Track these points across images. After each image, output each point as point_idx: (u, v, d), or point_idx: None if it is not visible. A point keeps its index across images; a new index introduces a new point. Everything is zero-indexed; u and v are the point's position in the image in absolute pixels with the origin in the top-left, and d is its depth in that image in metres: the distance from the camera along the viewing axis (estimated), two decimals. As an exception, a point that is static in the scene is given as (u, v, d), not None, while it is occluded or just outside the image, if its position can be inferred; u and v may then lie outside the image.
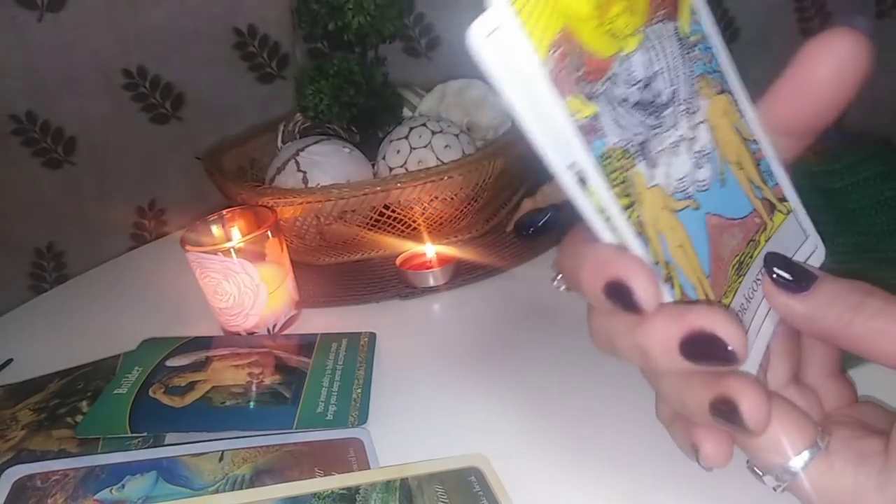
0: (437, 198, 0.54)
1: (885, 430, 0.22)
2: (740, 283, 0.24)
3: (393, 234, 0.56)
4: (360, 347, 0.46)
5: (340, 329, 0.48)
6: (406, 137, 0.59)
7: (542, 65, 0.19)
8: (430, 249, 0.56)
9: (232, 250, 0.46)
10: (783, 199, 0.26)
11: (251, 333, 0.49)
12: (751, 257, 0.25)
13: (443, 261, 0.55)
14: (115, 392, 0.41)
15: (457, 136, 0.59)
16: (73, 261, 0.90)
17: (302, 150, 0.58)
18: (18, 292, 0.88)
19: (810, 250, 0.27)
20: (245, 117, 0.80)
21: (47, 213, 0.86)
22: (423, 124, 0.59)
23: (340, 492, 0.31)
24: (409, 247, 0.56)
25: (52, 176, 0.84)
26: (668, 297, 0.22)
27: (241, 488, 0.32)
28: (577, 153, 0.20)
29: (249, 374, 0.42)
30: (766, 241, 0.26)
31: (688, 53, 0.24)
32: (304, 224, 0.55)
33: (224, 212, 0.52)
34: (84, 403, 0.42)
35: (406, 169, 0.57)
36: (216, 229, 0.52)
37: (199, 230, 0.50)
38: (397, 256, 0.56)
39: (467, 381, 0.41)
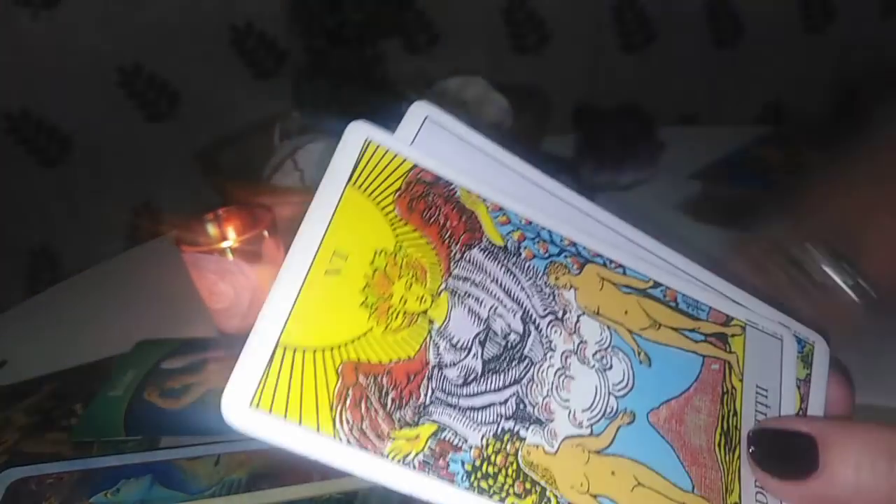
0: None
1: None
2: (738, 458, 0.19)
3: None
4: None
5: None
6: (404, 135, 0.58)
7: (331, 441, 0.15)
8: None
9: (228, 250, 0.46)
10: (730, 320, 0.21)
11: (248, 334, 0.49)
12: (734, 414, 0.20)
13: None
14: (110, 394, 0.40)
15: (455, 134, 0.58)
16: (67, 261, 0.89)
17: (299, 148, 0.58)
18: (13, 293, 0.87)
19: (794, 348, 0.21)
20: (241, 115, 0.80)
21: (42, 213, 0.86)
22: (422, 122, 0.58)
23: (338, 496, 0.31)
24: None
25: (47, 175, 0.84)
26: None
27: (238, 493, 0.32)
28: (439, 495, 0.15)
29: (246, 376, 0.42)
30: (742, 378, 0.20)
31: (516, 260, 0.19)
32: (302, 223, 0.54)
33: (220, 211, 0.52)
34: (78, 406, 0.41)
35: (404, 167, 0.57)
36: (212, 229, 0.51)
37: (195, 230, 0.50)
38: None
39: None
